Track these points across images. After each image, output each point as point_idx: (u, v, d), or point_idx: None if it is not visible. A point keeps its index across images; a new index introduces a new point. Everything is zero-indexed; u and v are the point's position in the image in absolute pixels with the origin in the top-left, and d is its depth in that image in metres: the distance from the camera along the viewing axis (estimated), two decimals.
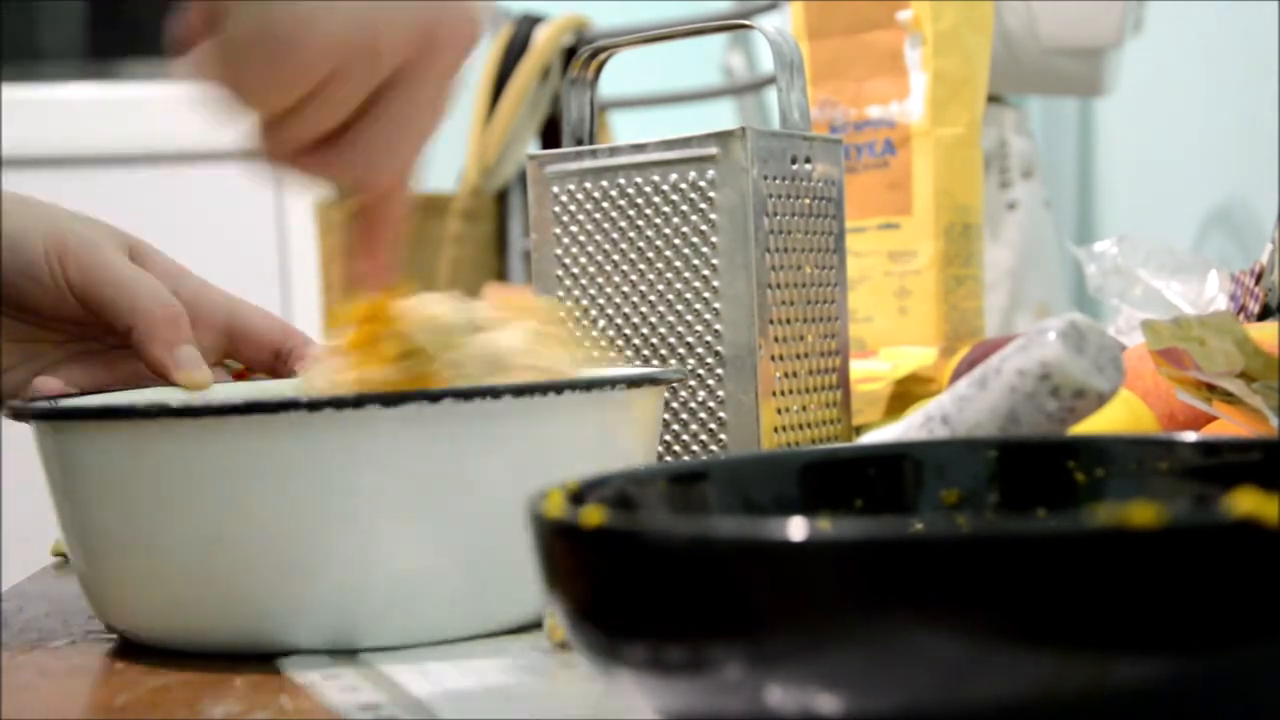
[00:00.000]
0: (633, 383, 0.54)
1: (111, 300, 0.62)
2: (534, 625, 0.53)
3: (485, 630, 0.51)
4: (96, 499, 0.52)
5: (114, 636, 0.55)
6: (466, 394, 0.49)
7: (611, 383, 0.53)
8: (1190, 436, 0.44)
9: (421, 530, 0.50)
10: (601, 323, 0.72)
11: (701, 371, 0.70)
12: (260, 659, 0.49)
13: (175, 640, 0.52)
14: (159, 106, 2.33)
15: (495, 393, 0.49)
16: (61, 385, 0.61)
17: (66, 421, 0.53)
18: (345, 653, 0.49)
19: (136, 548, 0.51)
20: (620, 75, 1.24)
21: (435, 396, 0.48)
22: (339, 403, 0.48)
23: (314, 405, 0.48)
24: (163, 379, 0.61)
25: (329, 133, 0.51)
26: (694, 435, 0.70)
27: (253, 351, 0.68)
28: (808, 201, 0.72)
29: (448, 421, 0.49)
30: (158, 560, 0.50)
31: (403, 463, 0.49)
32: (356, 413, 0.48)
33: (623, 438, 0.55)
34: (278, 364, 0.69)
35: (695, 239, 0.70)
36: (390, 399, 0.48)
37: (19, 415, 0.54)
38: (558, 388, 0.51)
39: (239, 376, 0.76)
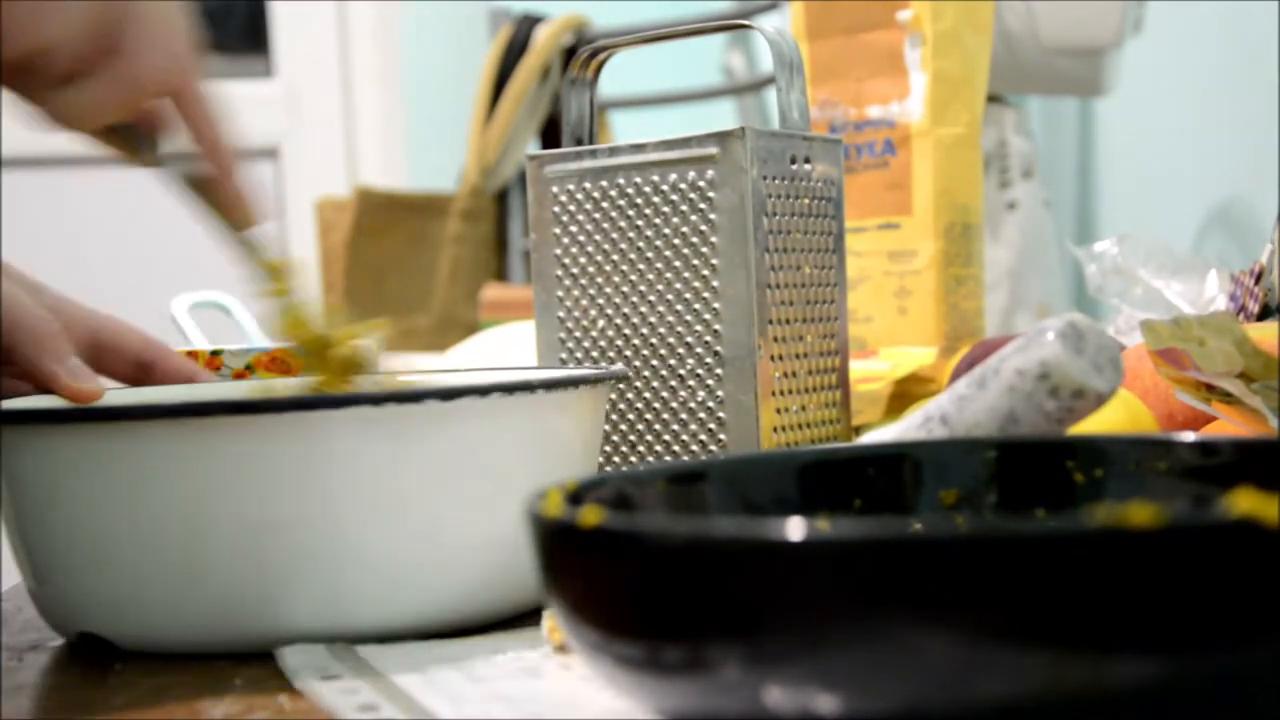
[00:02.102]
0: (572, 384, 0.55)
1: None
2: (518, 618, 0.53)
3: (462, 622, 0.52)
4: (63, 504, 0.51)
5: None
6: (446, 394, 0.50)
7: (549, 385, 0.54)
8: (1189, 437, 0.44)
9: (397, 527, 0.51)
10: (601, 323, 0.72)
11: (701, 371, 0.70)
12: (259, 659, 0.49)
13: (156, 643, 0.52)
14: None
15: (481, 391, 0.51)
16: None
17: (27, 425, 0.51)
18: (344, 652, 0.49)
19: (106, 552, 0.51)
20: (620, 75, 1.24)
21: (378, 399, 0.50)
22: (289, 405, 0.49)
23: (266, 408, 0.49)
24: (47, 391, 0.60)
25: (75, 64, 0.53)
26: (693, 435, 0.70)
27: (115, 363, 0.68)
28: (807, 201, 0.72)
29: (395, 421, 0.50)
30: (138, 564, 0.51)
31: (356, 461, 0.50)
32: (308, 415, 0.49)
33: (565, 435, 0.56)
34: (140, 374, 0.69)
35: (695, 239, 0.70)
36: (338, 401, 0.49)
37: None
38: (505, 389, 0.52)
39: (239, 376, 0.77)
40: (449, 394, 0.51)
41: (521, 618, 0.54)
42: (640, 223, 0.71)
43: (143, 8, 0.55)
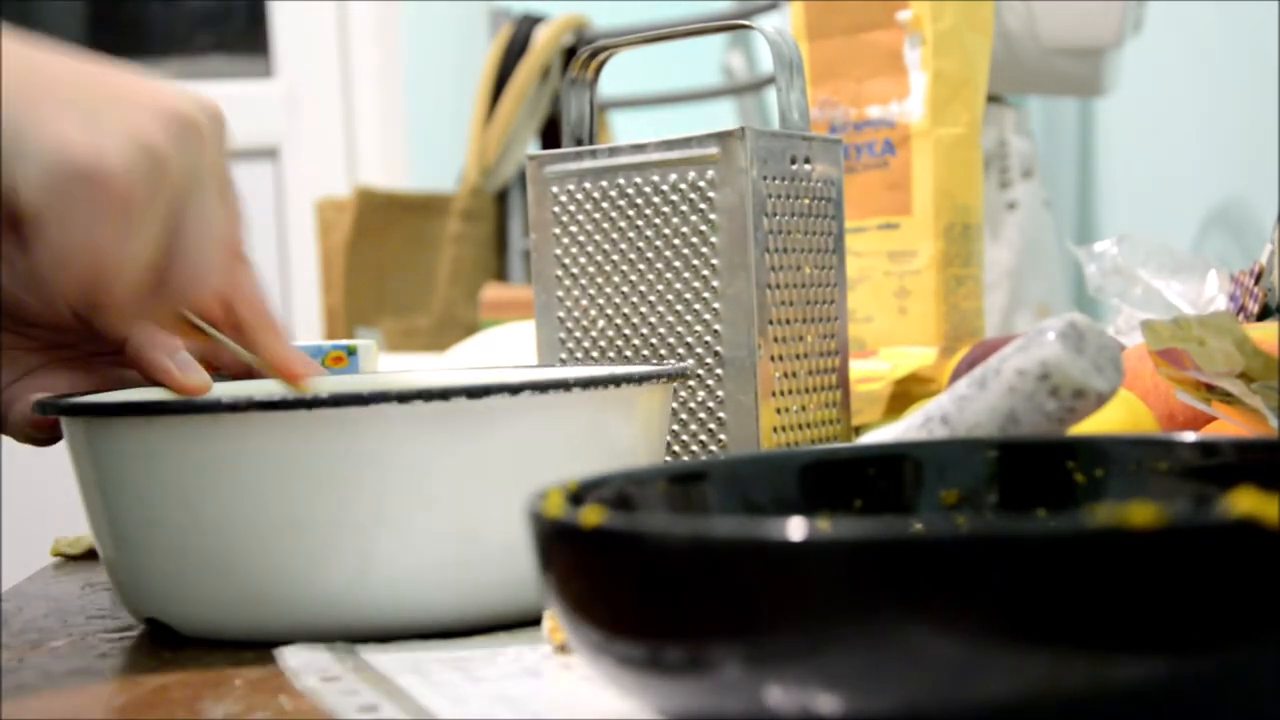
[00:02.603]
0: (636, 380, 0.55)
1: None
2: (536, 621, 0.53)
3: (488, 621, 0.53)
4: (124, 491, 0.53)
5: (112, 637, 0.55)
6: (472, 391, 0.50)
7: (614, 380, 0.54)
8: (1189, 437, 0.44)
9: (425, 523, 0.51)
10: (601, 323, 0.72)
11: (701, 372, 0.70)
12: (259, 660, 0.49)
13: (200, 628, 0.53)
14: None
15: (512, 389, 0.51)
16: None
17: (98, 417, 0.54)
18: (345, 654, 0.49)
19: (164, 537, 0.52)
20: (620, 75, 1.24)
21: (446, 394, 0.50)
22: (353, 399, 0.49)
23: (334, 402, 0.49)
24: (157, 384, 0.61)
25: (143, 279, 0.51)
26: (693, 435, 0.70)
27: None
28: (807, 202, 0.72)
29: (457, 418, 0.50)
30: (184, 549, 0.52)
31: (407, 457, 0.50)
32: (370, 409, 0.49)
33: (624, 435, 0.55)
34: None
35: (695, 239, 0.70)
36: (402, 396, 0.49)
37: (49, 410, 0.55)
38: (563, 385, 0.52)
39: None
40: (515, 389, 0.51)
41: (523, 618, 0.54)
42: (640, 223, 0.71)
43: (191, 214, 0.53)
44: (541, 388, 0.51)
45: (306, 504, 0.50)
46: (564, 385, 0.52)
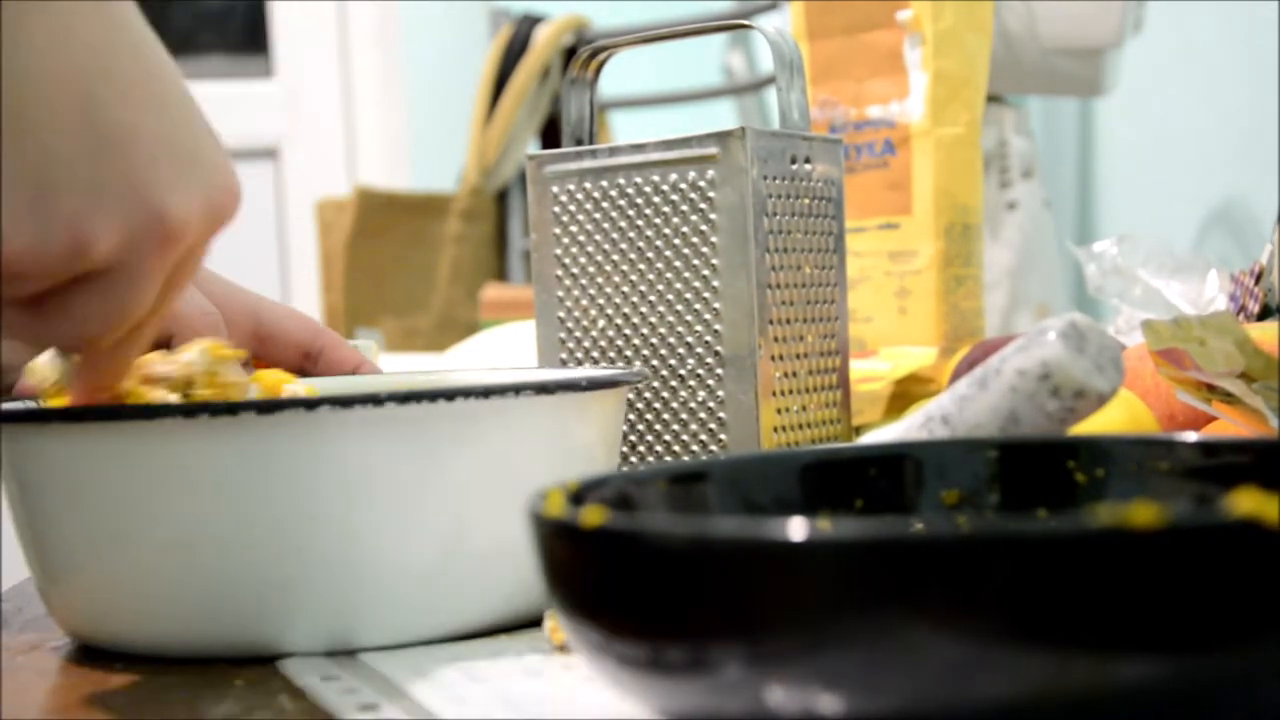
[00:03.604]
0: (596, 385, 0.55)
1: None
2: (527, 624, 0.53)
3: (473, 629, 0.52)
4: (67, 506, 0.50)
5: None
6: (449, 394, 0.50)
7: (577, 385, 0.54)
8: (1190, 437, 0.44)
9: (405, 528, 0.50)
10: (601, 323, 0.72)
11: (701, 371, 0.70)
12: (258, 660, 0.49)
13: (158, 647, 0.51)
14: None
15: (479, 393, 0.50)
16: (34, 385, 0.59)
17: (30, 424, 0.51)
18: (344, 654, 0.49)
19: (114, 554, 0.50)
20: (620, 75, 1.24)
21: (417, 397, 0.49)
22: (324, 403, 0.48)
23: (268, 408, 0.48)
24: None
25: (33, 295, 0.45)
26: (694, 435, 0.70)
27: (280, 351, 0.67)
28: (807, 201, 0.72)
29: (427, 421, 0.50)
30: (139, 566, 0.50)
31: (385, 462, 0.49)
32: (344, 412, 0.48)
33: (584, 438, 0.55)
34: (305, 363, 0.67)
35: (695, 239, 0.70)
36: (344, 400, 0.48)
37: None
38: (533, 388, 0.52)
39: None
40: (484, 392, 0.50)
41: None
42: (640, 223, 0.71)
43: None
44: (497, 392, 0.51)
45: (268, 514, 0.49)
46: (517, 390, 0.51)
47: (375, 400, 0.48)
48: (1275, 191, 1.18)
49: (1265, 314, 0.76)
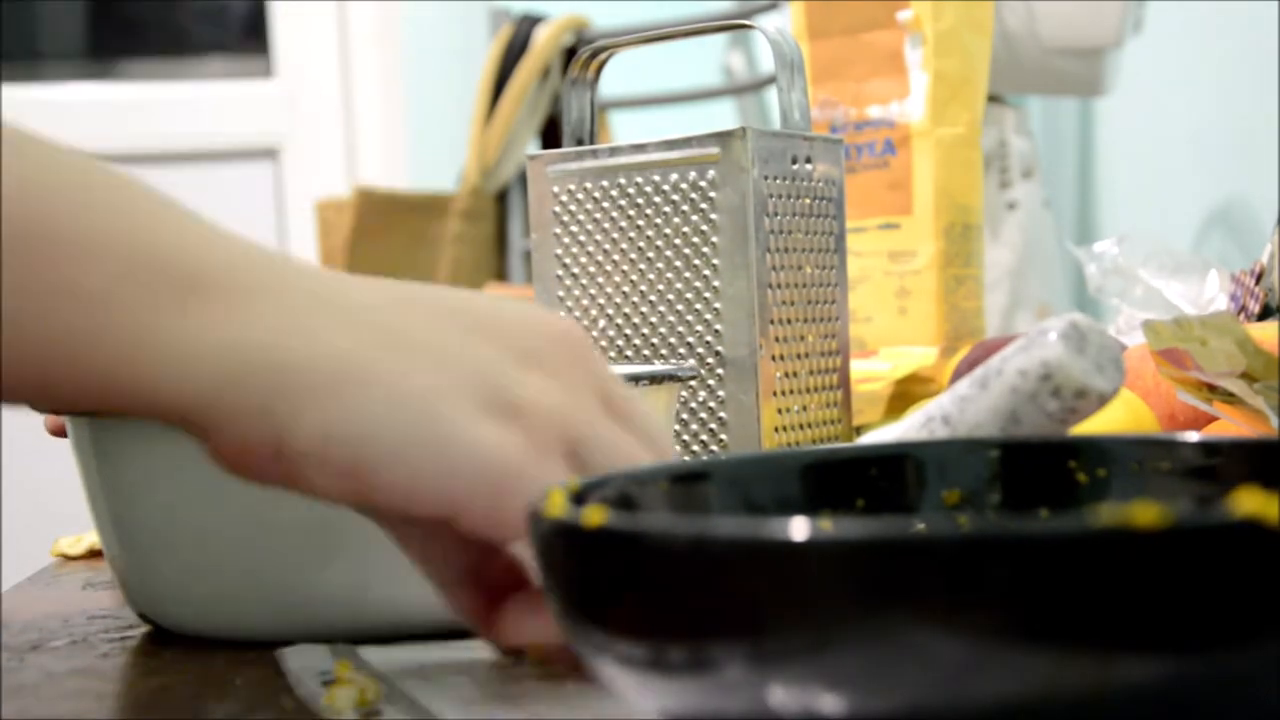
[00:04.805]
0: (651, 379, 0.55)
1: None
2: None
3: None
4: (131, 492, 0.53)
5: (113, 637, 0.55)
6: None
7: (632, 379, 0.54)
8: (1192, 436, 0.44)
9: None
10: (601, 323, 0.72)
11: (702, 372, 0.70)
12: (259, 660, 0.49)
13: (210, 629, 0.53)
14: (159, 106, 2.33)
15: None
16: None
17: (105, 417, 0.53)
18: (345, 655, 0.49)
19: (174, 540, 0.52)
20: (620, 75, 1.24)
21: None
22: None
23: None
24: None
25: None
26: (694, 435, 0.70)
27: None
28: (808, 201, 0.72)
29: None
30: (197, 551, 0.52)
31: None
32: None
33: None
34: None
35: (695, 239, 0.70)
36: None
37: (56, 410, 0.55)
38: None
39: None
40: None
41: None
42: (641, 223, 0.71)
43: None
44: None
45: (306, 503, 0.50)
46: None
47: None
48: (1275, 191, 1.18)
49: (1266, 314, 0.76)
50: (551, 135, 1.91)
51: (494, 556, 0.43)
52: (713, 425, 0.69)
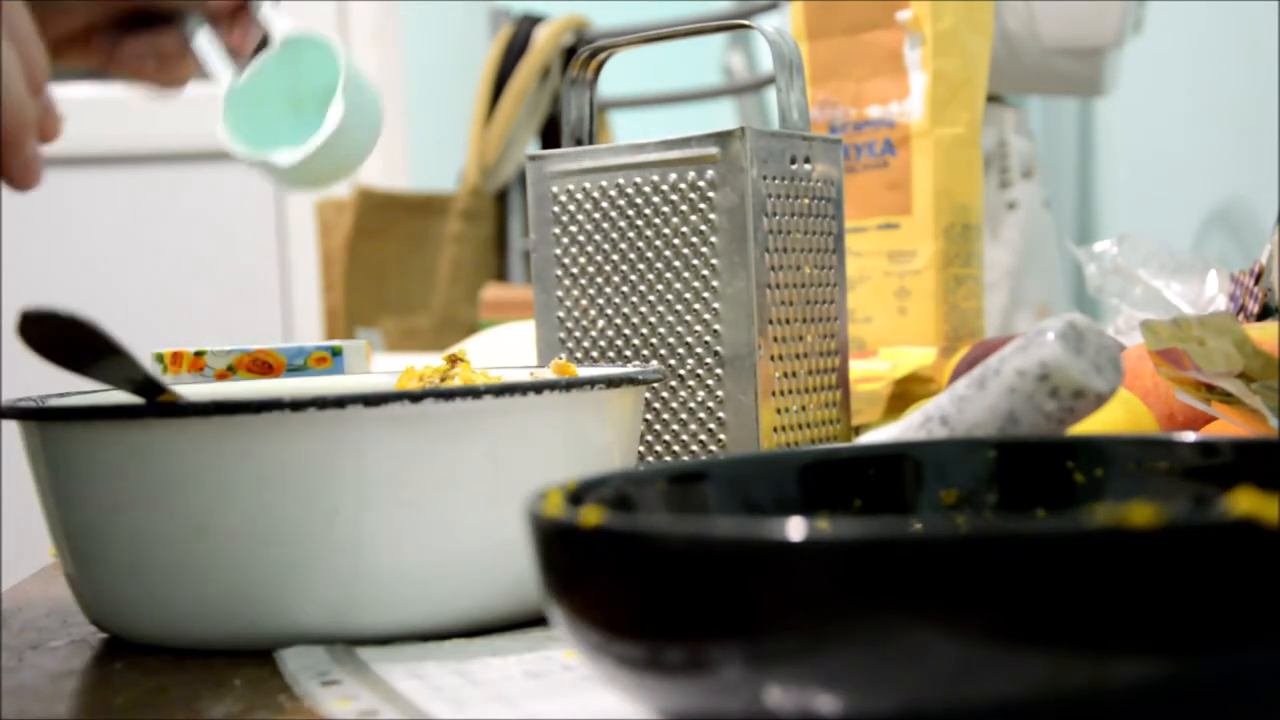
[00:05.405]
0: (610, 383, 0.55)
1: None
2: (527, 622, 0.53)
3: (474, 625, 0.52)
4: (83, 499, 0.52)
5: (112, 637, 0.55)
6: (447, 394, 0.50)
7: (590, 383, 0.54)
8: (1189, 437, 0.44)
9: (405, 526, 0.51)
10: (601, 323, 0.72)
11: (701, 371, 0.70)
12: (259, 660, 0.49)
13: (164, 638, 0.52)
14: (159, 106, 2.33)
15: (475, 393, 0.50)
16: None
17: (53, 422, 0.53)
18: (344, 656, 0.49)
19: (123, 546, 0.51)
20: (620, 75, 1.24)
21: (416, 397, 0.49)
22: (321, 403, 0.49)
23: (296, 405, 0.49)
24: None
25: None
26: (693, 435, 0.70)
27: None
28: (807, 201, 0.72)
29: (428, 421, 0.50)
30: (146, 558, 0.51)
31: (383, 460, 0.50)
32: (339, 412, 0.49)
33: (600, 437, 0.56)
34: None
35: (695, 239, 0.70)
36: (371, 399, 0.49)
37: (5, 415, 0.54)
38: (536, 388, 0.52)
39: (220, 377, 0.77)
40: (499, 390, 0.51)
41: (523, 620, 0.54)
42: (640, 223, 0.71)
43: None
44: (509, 391, 0.51)
45: (281, 508, 0.50)
46: (534, 389, 0.52)
47: (412, 398, 0.49)
48: (1275, 191, 1.18)
49: (1265, 314, 0.76)
50: (551, 135, 1.91)
51: None
52: (711, 425, 0.70)
